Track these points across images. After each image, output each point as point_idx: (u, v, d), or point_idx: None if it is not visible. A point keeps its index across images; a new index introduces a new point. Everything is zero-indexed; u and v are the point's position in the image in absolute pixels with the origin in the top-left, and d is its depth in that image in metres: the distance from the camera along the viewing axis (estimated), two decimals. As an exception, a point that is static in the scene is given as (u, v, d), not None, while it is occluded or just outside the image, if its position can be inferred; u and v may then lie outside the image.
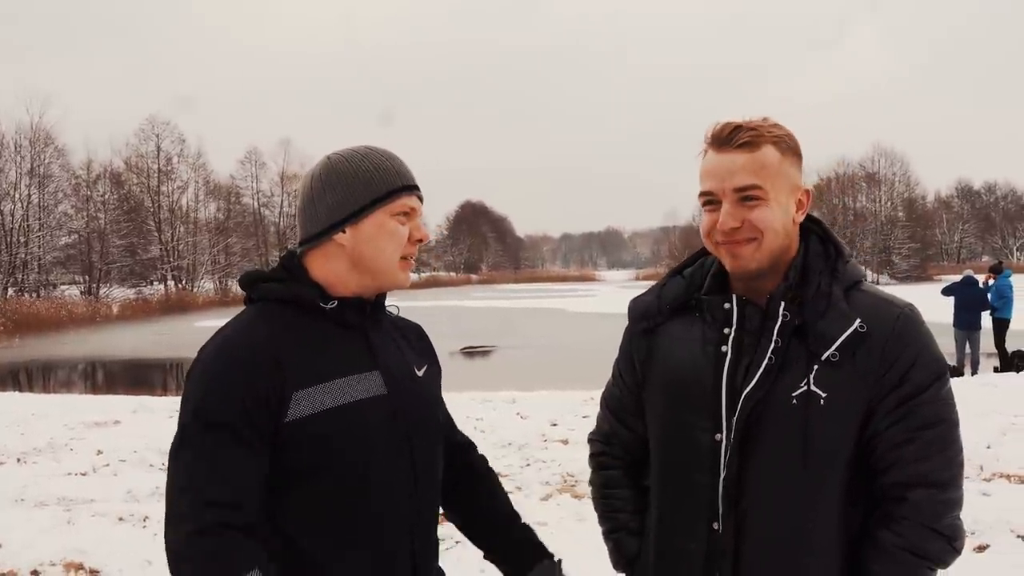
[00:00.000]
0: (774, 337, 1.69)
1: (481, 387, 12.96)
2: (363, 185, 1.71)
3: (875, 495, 1.70)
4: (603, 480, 2.04)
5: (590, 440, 2.11)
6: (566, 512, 5.93)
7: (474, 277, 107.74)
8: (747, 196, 1.68)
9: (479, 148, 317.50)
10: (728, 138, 1.69)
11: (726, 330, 1.76)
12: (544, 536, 2.01)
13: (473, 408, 10.57)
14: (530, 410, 10.61)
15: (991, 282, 15.57)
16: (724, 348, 1.75)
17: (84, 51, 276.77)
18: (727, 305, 1.77)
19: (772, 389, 1.68)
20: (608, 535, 2.01)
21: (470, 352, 22.48)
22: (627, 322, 1.98)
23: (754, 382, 1.69)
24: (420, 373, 1.85)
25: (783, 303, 1.70)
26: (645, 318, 1.91)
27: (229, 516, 1.52)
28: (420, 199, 1.79)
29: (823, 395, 1.66)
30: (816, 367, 1.66)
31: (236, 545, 1.52)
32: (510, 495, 2.05)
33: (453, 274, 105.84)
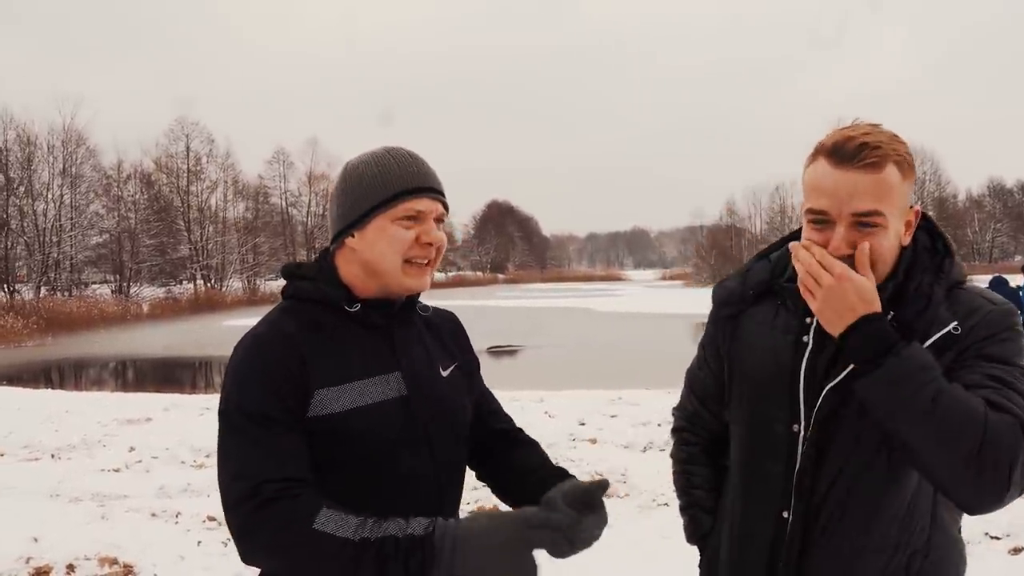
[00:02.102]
0: None
1: (508, 386, 12.97)
2: (365, 190, 1.73)
3: None
4: (684, 455, 2.07)
5: (674, 414, 2.13)
6: None
7: (500, 277, 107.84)
8: (865, 222, 1.59)
9: (505, 148, 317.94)
10: (853, 155, 1.57)
11: (808, 319, 1.71)
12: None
13: (500, 407, 10.58)
14: (558, 409, 10.61)
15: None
16: (805, 338, 1.71)
17: (108, 53, 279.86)
18: None
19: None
20: (684, 510, 2.05)
21: (497, 351, 22.50)
22: (711, 307, 1.95)
23: (840, 377, 1.63)
24: (445, 373, 1.85)
25: (891, 312, 1.62)
26: (728, 304, 1.89)
27: (284, 485, 1.54)
28: (441, 201, 1.78)
29: None
30: None
31: (297, 498, 1.52)
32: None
33: (479, 274, 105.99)
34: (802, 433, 1.69)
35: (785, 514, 1.73)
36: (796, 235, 1.83)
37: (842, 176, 1.57)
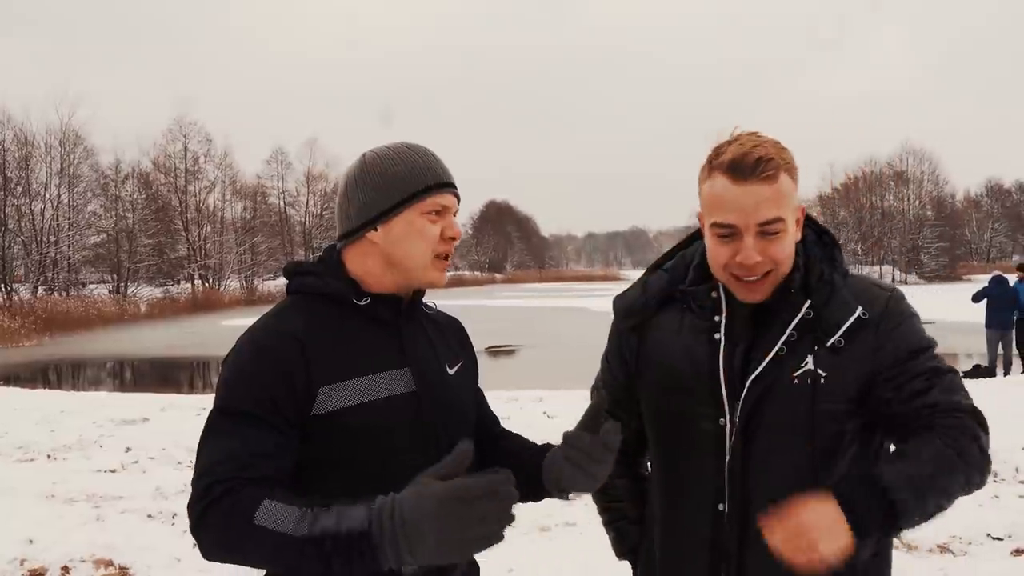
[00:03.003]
0: (790, 329, 1.74)
1: (507, 386, 12.94)
2: (393, 184, 1.72)
3: (905, 430, 1.71)
4: None
5: None
6: (594, 512, 5.78)
7: (499, 276, 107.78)
8: (768, 231, 1.69)
9: (503, 148, 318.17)
10: (751, 169, 1.67)
11: (716, 318, 1.80)
12: (574, 536, 1.99)
13: (499, 407, 10.39)
14: (557, 409, 10.57)
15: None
16: (717, 335, 1.79)
17: (108, 53, 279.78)
18: (714, 294, 1.80)
19: (777, 372, 1.73)
20: (608, 525, 2.07)
21: (495, 351, 22.46)
22: (612, 318, 1.99)
23: (761, 368, 1.73)
24: (452, 371, 1.84)
25: (808, 300, 1.74)
26: (631, 314, 1.94)
27: (233, 483, 1.50)
28: (457, 196, 1.80)
29: (823, 374, 1.71)
30: (817, 348, 1.72)
31: (239, 493, 1.48)
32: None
33: (478, 273, 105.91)
34: (728, 426, 1.75)
35: (721, 506, 1.76)
36: (686, 245, 1.95)
37: (743, 191, 1.67)
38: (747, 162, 1.67)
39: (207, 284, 56.78)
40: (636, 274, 2.31)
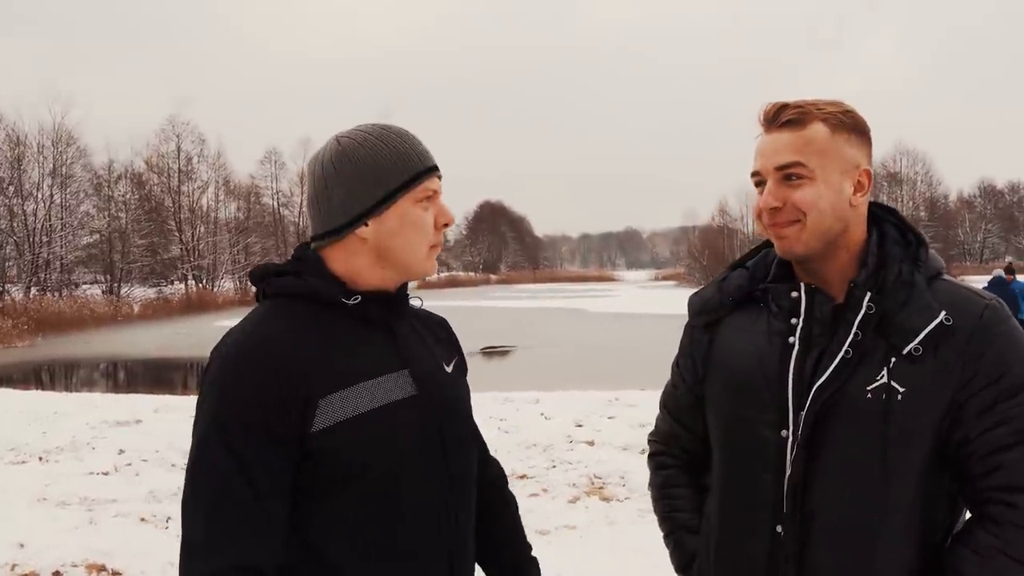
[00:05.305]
0: (854, 329, 1.58)
1: (502, 387, 12.90)
2: (381, 172, 1.57)
3: (972, 497, 1.59)
4: (662, 480, 1.97)
5: (649, 440, 2.05)
6: (595, 515, 5.75)
7: (493, 277, 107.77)
8: (789, 175, 1.62)
9: (498, 148, 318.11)
10: (774, 117, 1.64)
11: (793, 320, 1.66)
12: (573, 540, 1.95)
13: (496, 408, 10.47)
14: (554, 410, 10.52)
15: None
16: (792, 339, 1.65)
17: (108, 53, 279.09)
18: (794, 293, 1.67)
19: (845, 383, 1.58)
20: (668, 536, 1.95)
21: (490, 352, 22.42)
22: (687, 317, 1.89)
23: (827, 375, 1.58)
24: (449, 368, 1.72)
25: (868, 293, 1.60)
26: (705, 311, 1.83)
27: (245, 559, 1.42)
28: (440, 178, 1.66)
29: (901, 390, 1.55)
30: (894, 360, 1.56)
31: None
32: (536, 497, 2.00)
33: (472, 274, 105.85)
34: (790, 439, 1.62)
35: (778, 528, 1.63)
36: (768, 243, 1.80)
37: (768, 138, 1.66)
38: (772, 111, 1.66)
39: (200, 285, 56.62)
40: (631, 275, 2.25)
